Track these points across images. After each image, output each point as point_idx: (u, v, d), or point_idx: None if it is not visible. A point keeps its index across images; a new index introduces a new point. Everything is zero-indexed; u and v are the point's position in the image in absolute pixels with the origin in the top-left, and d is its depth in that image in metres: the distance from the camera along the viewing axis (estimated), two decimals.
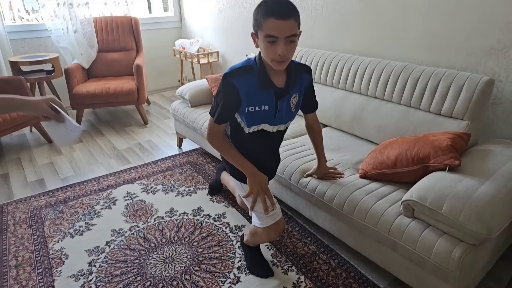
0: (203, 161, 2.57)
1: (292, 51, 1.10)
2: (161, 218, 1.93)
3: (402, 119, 1.76)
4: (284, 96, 1.23)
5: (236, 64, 1.22)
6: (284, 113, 1.27)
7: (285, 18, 1.03)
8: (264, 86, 1.18)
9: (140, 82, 3.14)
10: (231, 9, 3.28)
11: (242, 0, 3.09)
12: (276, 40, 1.05)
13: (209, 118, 1.27)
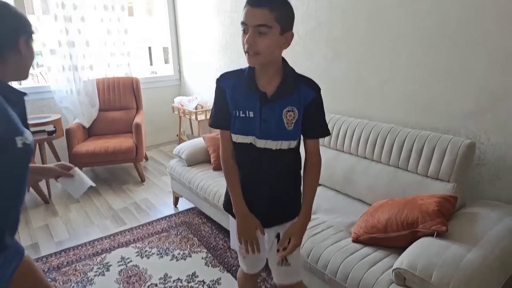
0: (198, 221, 2.59)
1: (262, 44, 1.00)
2: (155, 286, 1.91)
3: (392, 180, 1.83)
4: (269, 104, 1.09)
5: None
6: (273, 126, 1.10)
7: (257, 6, 0.98)
8: (248, 89, 1.11)
9: (139, 140, 3.26)
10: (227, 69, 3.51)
11: (238, 60, 3.33)
12: (246, 28, 1.01)
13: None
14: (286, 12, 1.02)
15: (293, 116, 1.11)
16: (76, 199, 2.93)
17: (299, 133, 1.15)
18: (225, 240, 2.34)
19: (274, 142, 1.12)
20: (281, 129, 1.11)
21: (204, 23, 3.69)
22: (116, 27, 3.69)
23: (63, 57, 3.41)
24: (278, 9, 0.99)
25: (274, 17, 0.98)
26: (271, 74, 1.10)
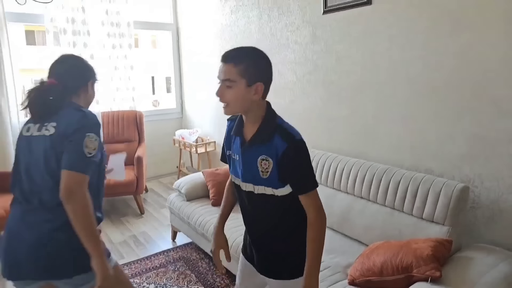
0: (196, 256, 2.58)
1: (229, 96, 1.08)
2: None
3: (388, 221, 1.85)
4: (247, 149, 1.14)
5: None
6: (252, 171, 1.13)
7: (224, 61, 1.09)
8: (234, 132, 1.19)
9: (139, 173, 3.30)
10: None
11: None
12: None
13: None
14: (253, 65, 1.08)
15: (268, 165, 1.10)
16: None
17: (277, 182, 1.10)
18: (222, 278, 2.31)
19: (255, 186, 1.14)
20: (256, 176, 1.13)
21: (205, 59, 3.84)
22: (123, 63, 3.84)
23: None
24: (243, 64, 1.06)
25: (238, 71, 1.06)
26: (253, 121, 1.15)
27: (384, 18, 2.03)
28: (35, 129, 1.23)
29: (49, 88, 1.25)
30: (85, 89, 1.36)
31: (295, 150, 1.08)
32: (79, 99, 1.33)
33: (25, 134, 1.25)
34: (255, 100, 1.11)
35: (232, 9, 3.28)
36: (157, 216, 3.29)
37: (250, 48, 1.12)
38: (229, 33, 3.39)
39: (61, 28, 3.45)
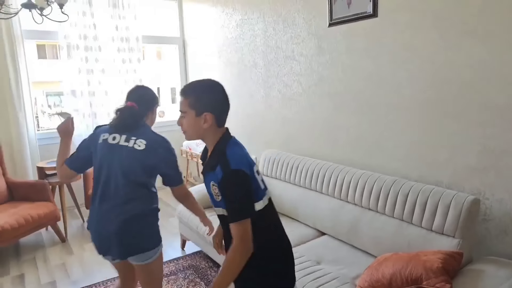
0: (205, 265, 2.59)
1: (185, 125, 1.23)
2: None
3: (397, 233, 1.81)
4: (204, 175, 1.24)
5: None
6: (210, 194, 1.22)
7: (180, 95, 1.24)
8: (201, 157, 1.36)
9: None
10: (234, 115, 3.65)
11: (243, 109, 3.47)
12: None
13: None
14: (200, 98, 1.20)
15: (217, 191, 1.16)
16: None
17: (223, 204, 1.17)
18: (232, 287, 2.31)
19: (215, 208, 1.24)
20: (212, 198, 1.21)
21: (211, 71, 3.89)
22: (132, 77, 3.94)
23: (84, 105, 3.65)
24: (191, 97, 1.20)
25: (188, 103, 1.20)
26: (210, 148, 1.26)
27: (390, 31, 2.02)
28: (122, 140, 1.53)
29: (131, 108, 1.56)
30: (152, 112, 1.67)
31: (226, 180, 1.13)
32: (147, 120, 1.64)
33: (111, 142, 1.53)
34: (206, 129, 1.21)
35: (238, 23, 3.33)
36: (166, 226, 3.31)
37: (203, 81, 1.25)
38: (234, 46, 3.43)
39: (74, 44, 3.56)
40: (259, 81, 3.18)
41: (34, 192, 3.01)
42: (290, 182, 2.56)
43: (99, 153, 1.54)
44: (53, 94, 9.09)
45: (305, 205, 2.34)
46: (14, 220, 2.62)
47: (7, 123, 3.27)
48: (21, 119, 3.33)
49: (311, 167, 2.39)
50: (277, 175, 2.69)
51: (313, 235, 2.22)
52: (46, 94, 8.05)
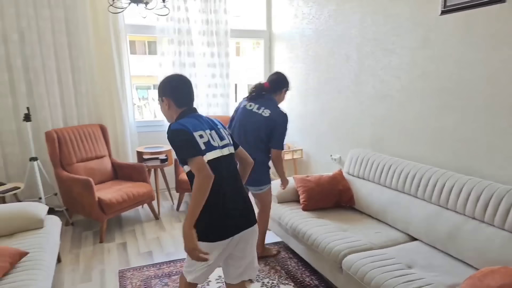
0: (285, 255, 2.76)
1: (161, 112, 1.65)
2: None
3: (506, 246, 1.73)
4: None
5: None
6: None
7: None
8: None
9: None
10: (318, 112, 3.76)
11: (330, 106, 3.55)
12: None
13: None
14: (160, 88, 1.61)
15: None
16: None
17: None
18: (312, 278, 2.45)
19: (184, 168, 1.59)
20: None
21: (297, 65, 4.01)
22: (219, 71, 4.25)
23: None
24: (157, 89, 1.65)
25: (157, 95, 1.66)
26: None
27: None
28: (255, 107, 2.36)
29: (263, 86, 2.41)
30: (280, 93, 2.48)
31: (168, 138, 1.49)
32: (276, 97, 2.43)
33: (248, 108, 2.38)
34: (169, 110, 1.60)
35: (330, 13, 3.33)
36: None
37: (165, 77, 1.63)
38: (325, 38, 3.46)
39: (169, 38, 3.94)
40: (350, 76, 3.17)
41: (134, 173, 3.49)
42: (379, 183, 2.58)
43: (239, 115, 2.42)
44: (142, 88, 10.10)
45: (396, 208, 2.35)
46: (119, 196, 3.08)
47: (112, 111, 3.80)
48: (123, 108, 3.83)
49: (405, 169, 2.37)
50: (364, 175, 2.73)
51: (403, 239, 2.23)
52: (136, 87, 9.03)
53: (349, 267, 1.95)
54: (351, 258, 1.98)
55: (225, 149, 1.56)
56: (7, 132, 3.37)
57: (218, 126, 1.63)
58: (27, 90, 3.38)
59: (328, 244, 2.15)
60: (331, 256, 2.08)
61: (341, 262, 2.03)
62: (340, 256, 2.05)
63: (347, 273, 1.96)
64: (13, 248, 1.91)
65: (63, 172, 3.17)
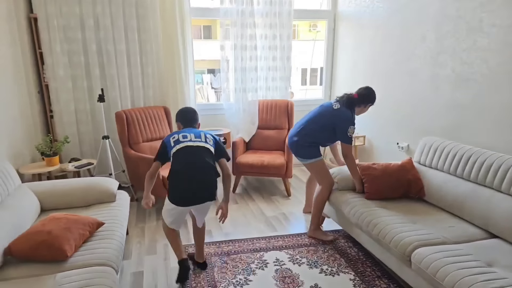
0: (344, 244, 2.72)
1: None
2: None
3: None
4: None
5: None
6: None
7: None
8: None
9: (289, 158, 3.64)
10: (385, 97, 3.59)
11: (399, 91, 3.37)
12: None
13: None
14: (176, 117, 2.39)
15: None
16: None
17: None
18: (373, 268, 2.39)
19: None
20: None
21: (365, 47, 3.85)
22: (280, 54, 4.21)
23: (236, 81, 4.13)
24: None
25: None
26: None
27: None
28: (336, 105, 2.70)
29: (351, 96, 2.67)
30: (364, 106, 2.72)
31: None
32: (357, 108, 2.70)
33: (335, 108, 2.69)
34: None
35: None
36: (302, 201, 3.57)
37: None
38: (397, 17, 3.27)
39: (232, 21, 3.97)
40: (426, 58, 2.97)
41: None
42: (456, 175, 2.41)
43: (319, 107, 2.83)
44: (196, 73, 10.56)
45: (475, 203, 2.19)
46: None
47: (175, 93, 3.97)
48: (186, 90, 4.00)
49: (488, 160, 2.19)
50: (438, 166, 2.56)
51: (481, 235, 2.09)
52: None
53: (420, 260, 1.87)
54: (422, 252, 1.90)
55: (195, 142, 2.13)
56: (82, 112, 3.72)
57: (201, 133, 2.20)
58: (100, 73, 3.68)
59: (396, 235, 2.08)
60: (399, 248, 2.01)
61: (411, 255, 1.95)
62: (409, 248, 1.97)
63: (417, 266, 1.88)
64: (93, 218, 2.10)
65: (131, 150, 3.42)
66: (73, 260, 1.82)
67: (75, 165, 3.31)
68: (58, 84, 3.55)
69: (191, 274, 2.33)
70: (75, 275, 1.67)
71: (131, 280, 2.32)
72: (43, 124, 3.68)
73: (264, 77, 4.26)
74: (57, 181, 2.58)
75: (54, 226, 1.86)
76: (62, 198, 2.45)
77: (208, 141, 2.18)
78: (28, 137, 3.32)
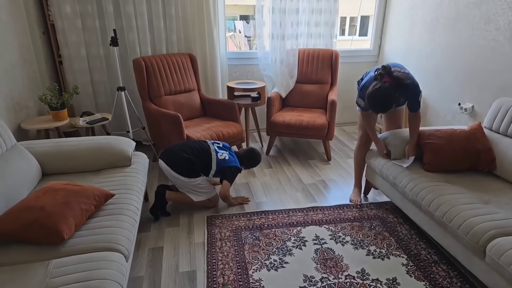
0: (393, 219, 2.46)
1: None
2: (353, 278, 1.92)
3: None
4: None
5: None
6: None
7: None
8: None
9: (332, 118, 3.29)
10: (448, 49, 3.06)
11: (466, 40, 2.84)
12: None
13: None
14: None
15: None
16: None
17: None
18: (429, 251, 2.13)
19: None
20: None
21: None
22: None
23: (274, 25, 3.66)
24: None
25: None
26: None
27: None
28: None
29: (386, 83, 2.11)
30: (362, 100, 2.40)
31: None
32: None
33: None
34: None
35: None
36: (343, 166, 3.28)
37: None
38: None
39: None
40: (506, 0, 2.46)
41: (224, 111, 3.35)
42: None
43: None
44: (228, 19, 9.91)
45: None
46: (208, 135, 2.97)
47: (203, 40, 3.59)
48: (215, 37, 3.61)
49: None
50: None
51: None
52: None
53: (499, 254, 1.57)
54: (502, 243, 1.60)
55: (214, 145, 2.59)
56: (95, 58, 3.35)
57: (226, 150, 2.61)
58: (115, 10, 3.26)
59: (466, 219, 1.77)
60: (471, 236, 1.71)
61: (486, 246, 1.65)
62: (484, 238, 1.67)
63: (495, 261, 1.59)
64: (100, 189, 1.80)
65: (152, 105, 3.13)
66: (72, 243, 1.52)
67: (86, 120, 3.03)
68: (65, 23, 3.17)
69: (218, 253, 2.18)
70: (72, 263, 1.39)
71: (148, 257, 2.10)
72: (52, 72, 3.37)
73: (306, 21, 3.77)
74: (62, 140, 2.29)
75: (50, 200, 1.57)
76: (67, 161, 2.18)
77: (221, 152, 2.55)
78: (32, 86, 2.99)
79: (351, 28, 13.05)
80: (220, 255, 2.13)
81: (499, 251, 1.58)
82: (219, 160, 2.49)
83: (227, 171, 2.51)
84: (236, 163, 2.56)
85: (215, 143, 2.62)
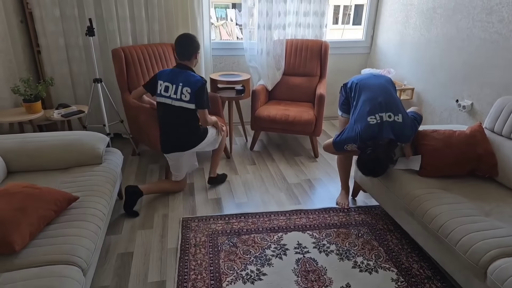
0: (383, 226, 2.20)
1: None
2: None
3: None
4: None
5: None
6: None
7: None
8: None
9: (319, 113, 3.01)
10: (445, 41, 2.78)
11: (466, 32, 2.56)
12: None
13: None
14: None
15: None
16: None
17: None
18: (421, 265, 1.88)
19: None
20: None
21: None
22: None
23: (260, 14, 3.34)
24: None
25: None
26: None
27: None
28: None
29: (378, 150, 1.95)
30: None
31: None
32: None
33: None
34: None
35: None
36: (331, 164, 3.01)
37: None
38: None
39: None
40: None
41: None
42: None
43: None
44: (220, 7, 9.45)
45: None
46: None
47: (187, 30, 3.26)
48: (199, 26, 3.29)
49: None
50: None
51: None
52: (215, 6, 8.35)
53: (503, 279, 1.32)
54: (506, 266, 1.35)
55: (173, 101, 2.24)
56: (74, 48, 3.08)
57: (180, 84, 2.22)
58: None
59: (464, 235, 1.52)
60: (470, 255, 1.46)
61: (487, 268, 1.40)
62: (485, 258, 1.42)
63: (497, 286, 1.34)
64: (61, 192, 1.58)
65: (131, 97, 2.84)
66: (25, 254, 1.32)
67: (62, 113, 2.75)
68: (43, 11, 2.88)
69: (191, 261, 1.91)
70: (22, 279, 1.20)
71: (116, 264, 1.86)
72: (31, 62, 3.10)
73: (294, 10, 3.45)
74: (29, 136, 2.05)
75: (4, 205, 1.35)
76: (33, 158, 1.94)
77: (184, 98, 2.21)
78: (8, 77, 2.73)
79: (344, 16, 12.66)
80: (193, 264, 1.86)
81: (503, 275, 1.33)
82: (182, 97, 2.22)
83: (198, 95, 2.22)
84: (196, 78, 2.24)
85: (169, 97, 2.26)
